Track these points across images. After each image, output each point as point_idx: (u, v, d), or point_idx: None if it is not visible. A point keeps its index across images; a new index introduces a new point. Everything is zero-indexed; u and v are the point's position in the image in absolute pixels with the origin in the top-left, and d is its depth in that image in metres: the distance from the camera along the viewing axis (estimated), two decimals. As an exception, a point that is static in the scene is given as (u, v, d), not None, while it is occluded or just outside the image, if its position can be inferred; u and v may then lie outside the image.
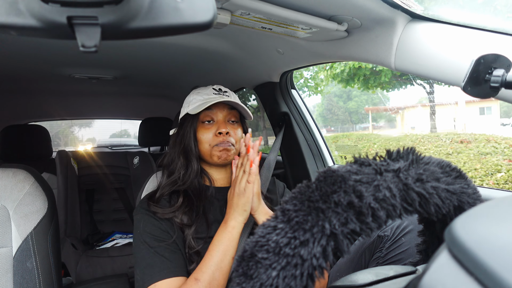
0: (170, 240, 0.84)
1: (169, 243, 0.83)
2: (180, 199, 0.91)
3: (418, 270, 0.43)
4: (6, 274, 0.87)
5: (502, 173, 3.21)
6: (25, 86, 2.01)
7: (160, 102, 2.80)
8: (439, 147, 4.54)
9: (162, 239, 0.84)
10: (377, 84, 7.08)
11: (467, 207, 0.43)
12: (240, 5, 0.81)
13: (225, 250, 0.80)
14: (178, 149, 0.97)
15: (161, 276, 0.78)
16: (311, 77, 8.26)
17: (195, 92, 1.01)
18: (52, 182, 2.17)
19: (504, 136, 4.29)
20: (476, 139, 4.47)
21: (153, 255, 0.81)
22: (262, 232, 0.37)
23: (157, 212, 0.87)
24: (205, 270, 0.78)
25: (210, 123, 0.97)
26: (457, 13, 0.83)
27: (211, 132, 0.95)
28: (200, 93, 1.00)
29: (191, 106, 0.97)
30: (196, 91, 1.01)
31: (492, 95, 0.58)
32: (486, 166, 3.44)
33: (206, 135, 0.95)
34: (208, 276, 0.77)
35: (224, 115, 0.98)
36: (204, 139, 0.95)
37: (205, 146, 0.95)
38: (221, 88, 1.02)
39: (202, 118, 0.97)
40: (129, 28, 0.29)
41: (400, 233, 0.99)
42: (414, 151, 0.45)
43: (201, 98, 0.97)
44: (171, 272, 0.79)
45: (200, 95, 0.98)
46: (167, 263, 0.80)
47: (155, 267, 0.80)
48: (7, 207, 0.89)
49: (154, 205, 0.89)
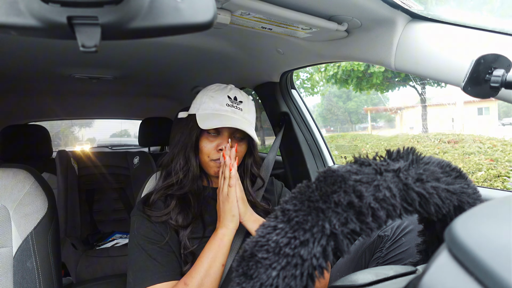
0: (163, 242, 0.84)
1: (162, 246, 0.84)
2: (173, 201, 0.90)
3: (418, 270, 0.43)
4: (6, 274, 0.87)
5: (482, 172, 3.32)
6: (25, 86, 2.01)
7: (160, 102, 2.80)
8: (427, 147, 4.70)
9: (156, 242, 0.84)
10: (370, 86, 7.20)
11: (467, 207, 0.43)
12: (240, 5, 0.81)
13: (214, 257, 0.81)
14: (179, 149, 0.94)
15: (153, 280, 0.79)
16: (307, 78, 8.33)
17: (208, 95, 0.93)
18: (52, 182, 2.17)
19: (490, 136, 4.45)
20: (462, 139, 4.64)
21: (146, 259, 0.82)
22: (262, 232, 0.37)
23: (151, 216, 0.87)
24: (194, 275, 0.79)
25: (214, 136, 0.93)
26: (457, 13, 0.83)
27: (213, 145, 0.92)
28: (213, 98, 0.92)
29: (201, 111, 0.92)
30: (210, 94, 0.94)
31: (492, 95, 0.58)
32: (468, 165, 3.56)
33: (208, 146, 0.92)
34: (196, 282, 0.78)
35: (229, 132, 0.93)
36: (205, 150, 0.92)
37: (204, 157, 0.93)
38: (236, 97, 0.94)
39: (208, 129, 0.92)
40: (129, 28, 0.29)
41: (400, 233, 0.99)
42: (414, 151, 0.45)
43: (212, 107, 0.91)
44: (162, 277, 0.80)
45: (213, 102, 0.91)
46: (159, 267, 0.81)
47: (147, 272, 0.80)
48: (7, 207, 0.89)
49: (148, 209, 0.89)
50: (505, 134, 4.58)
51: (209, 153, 0.92)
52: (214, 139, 0.93)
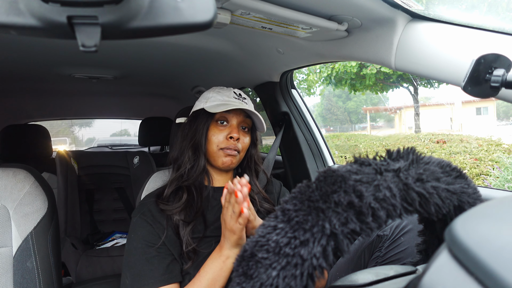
0: (159, 243, 0.84)
1: (159, 249, 0.84)
2: (185, 195, 0.91)
3: (418, 270, 0.43)
4: (6, 273, 0.87)
5: (465, 171, 3.48)
6: (25, 86, 2.01)
7: (160, 102, 2.80)
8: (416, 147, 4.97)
9: (154, 244, 0.84)
10: (363, 87, 7.28)
11: (467, 207, 0.43)
12: (240, 5, 0.81)
13: (214, 279, 0.78)
14: (188, 143, 0.96)
15: (149, 285, 0.79)
16: (303, 79, 8.38)
17: (215, 90, 1.00)
18: (52, 182, 2.17)
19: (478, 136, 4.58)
20: (451, 139, 4.77)
21: (144, 262, 0.82)
22: (262, 232, 0.37)
23: (165, 210, 0.88)
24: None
25: (223, 125, 0.96)
26: (457, 13, 0.83)
27: (223, 134, 0.95)
28: (220, 92, 0.99)
29: (210, 103, 0.96)
30: (217, 90, 1.00)
31: (492, 95, 0.58)
32: (453, 164, 3.80)
33: (218, 135, 0.95)
34: None
35: (239, 121, 0.97)
36: (214, 140, 0.95)
37: (213, 147, 0.95)
38: (241, 94, 1.02)
39: (217, 118, 0.96)
40: (129, 28, 0.29)
41: (399, 232, 0.99)
42: (414, 151, 0.45)
43: (221, 98, 0.97)
44: (159, 281, 0.80)
45: (220, 95, 0.98)
46: (156, 271, 0.81)
47: (145, 276, 0.81)
48: (7, 207, 0.89)
49: (162, 202, 0.90)
50: (504, 134, 4.66)
51: (219, 142, 0.95)
52: (223, 128, 0.96)
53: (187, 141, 0.96)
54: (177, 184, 0.93)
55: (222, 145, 0.94)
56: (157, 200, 0.91)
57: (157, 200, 0.91)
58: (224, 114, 0.96)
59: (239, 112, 0.97)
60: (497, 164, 3.65)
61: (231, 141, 0.94)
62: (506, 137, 4.36)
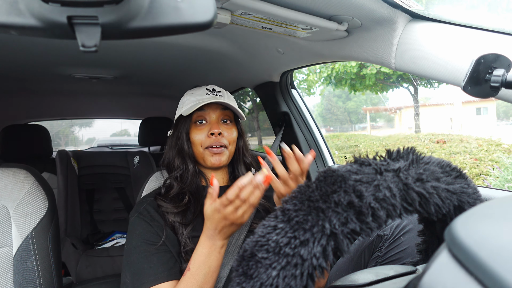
0: (159, 243, 0.84)
1: (158, 247, 0.84)
2: (186, 198, 0.92)
3: (418, 270, 0.43)
4: (6, 273, 0.87)
5: (465, 171, 3.48)
6: (25, 86, 2.01)
7: (160, 102, 2.80)
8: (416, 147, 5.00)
9: (153, 243, 0.85)
10: (363, 87, 7.29)
11: (467, 207, 0.43)
12: (240, 5, 0.81)
13: (212, 272, 0.77)
14: (174, 151, 0.98)
15: (149, 282, 0.80)
16: (303, 79, 8.39)
17: (188, 93, 1.01)
18: (52, 181, 2.17)
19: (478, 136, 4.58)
20: (451, 139, 4.78)
21: (144, 261, 0.82)
22: (262, 231, 0.37)
23: (161, 206, 0.89)
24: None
25: (202, 124, 0.97)
26: (457, 13, 0.83)
27: (204, 133, 0.95)
28: (193, 93, 0.99)
29: (184, 107, 0.97)
30: (190, 92, 1.01)
31: (492, 95, 0.58)
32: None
33: (199, 135, 0.95)
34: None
35: (217, 116, 0.97)
36: (197, 140, 0.95)
37: (198, 148, 0.95)
38: (215, 88, 1.02)
39: (195, 119, 0.97)
40: (129, 28, 0.29)
41: (399, 232, 0.99)
42: (414, 151, 0.45)
43: (194, 99, 0.97)
44: (159, 278, 0.80)
45: (193, 96, 0.98)
46: (156, 268, 0.81)
47: (144, 274, 0.81)
48: (7, 207, 0.89)
49: (161, 199, 0.91)
50: (504, 134, 4.66)
51: (202, 142, 0.95)
52: (203, 126, 0.96)
53: (173, 149, 0.98)
54: (178, 190, 0.93)
55: (206, 144, 0.94)
56: (157, 196, 0.92)
57: (156, 196, 0.92)
58: (200, 113, 0.97)
59: (214, 107, 0.97)
60: (497, 164, 3.65)
61: (213, 138, 0.94)
62: (506, 137, 4.36)
